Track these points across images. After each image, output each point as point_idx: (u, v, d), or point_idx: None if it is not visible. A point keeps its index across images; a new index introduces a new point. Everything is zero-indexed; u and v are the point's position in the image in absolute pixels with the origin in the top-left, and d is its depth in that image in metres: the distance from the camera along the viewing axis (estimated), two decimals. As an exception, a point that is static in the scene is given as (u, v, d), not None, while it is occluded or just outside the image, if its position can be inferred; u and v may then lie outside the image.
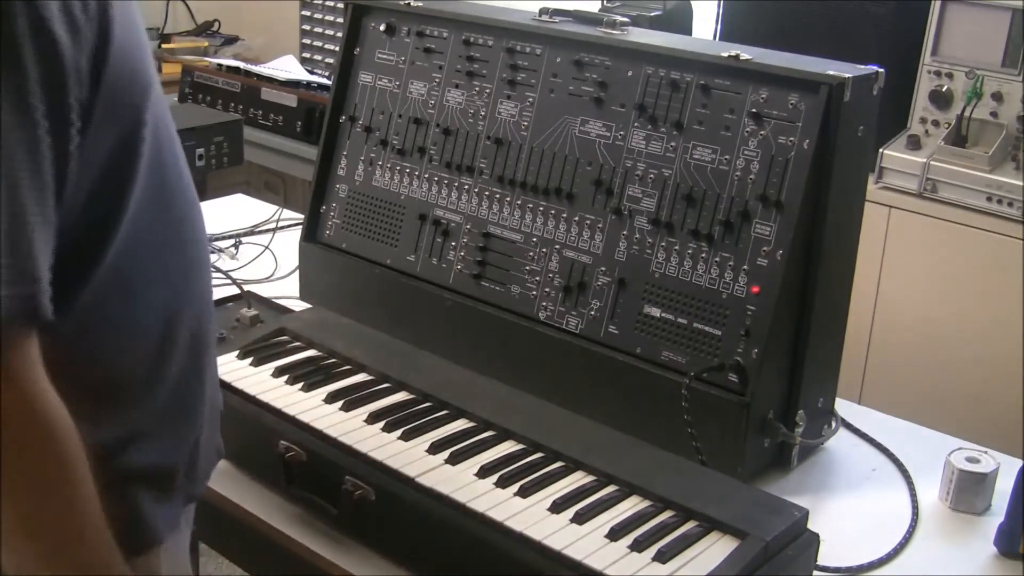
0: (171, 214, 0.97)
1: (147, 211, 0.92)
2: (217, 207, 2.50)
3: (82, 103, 0.83)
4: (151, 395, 0.97)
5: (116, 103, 0.86)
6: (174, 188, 0.97)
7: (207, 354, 1.04)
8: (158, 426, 0.98)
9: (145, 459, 0.97)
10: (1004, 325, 2.56)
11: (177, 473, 1.01)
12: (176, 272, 0.98)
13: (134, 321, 0.94)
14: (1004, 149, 2.63)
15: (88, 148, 0.85)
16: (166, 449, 0.99)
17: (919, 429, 1.63)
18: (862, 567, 1.31)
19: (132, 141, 0.89)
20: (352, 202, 1.80)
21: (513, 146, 1.62)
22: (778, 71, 1.39)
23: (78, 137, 0.83)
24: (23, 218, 0.78)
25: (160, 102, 0.94)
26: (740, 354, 1.38)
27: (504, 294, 1.61)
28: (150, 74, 0.92)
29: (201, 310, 1.02)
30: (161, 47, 4.64)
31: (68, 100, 0.81)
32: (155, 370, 0.97)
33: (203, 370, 1.04)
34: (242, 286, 1.80)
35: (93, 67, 0.83)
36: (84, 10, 0.81)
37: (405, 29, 1.76)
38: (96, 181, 0.87)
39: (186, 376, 1.00)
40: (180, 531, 1.05)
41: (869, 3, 2.83)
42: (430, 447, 1.30)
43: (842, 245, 1.46)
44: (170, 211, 0.97)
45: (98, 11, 0.83)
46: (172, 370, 0.98)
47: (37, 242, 0.79)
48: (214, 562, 2.79)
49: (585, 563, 1.11)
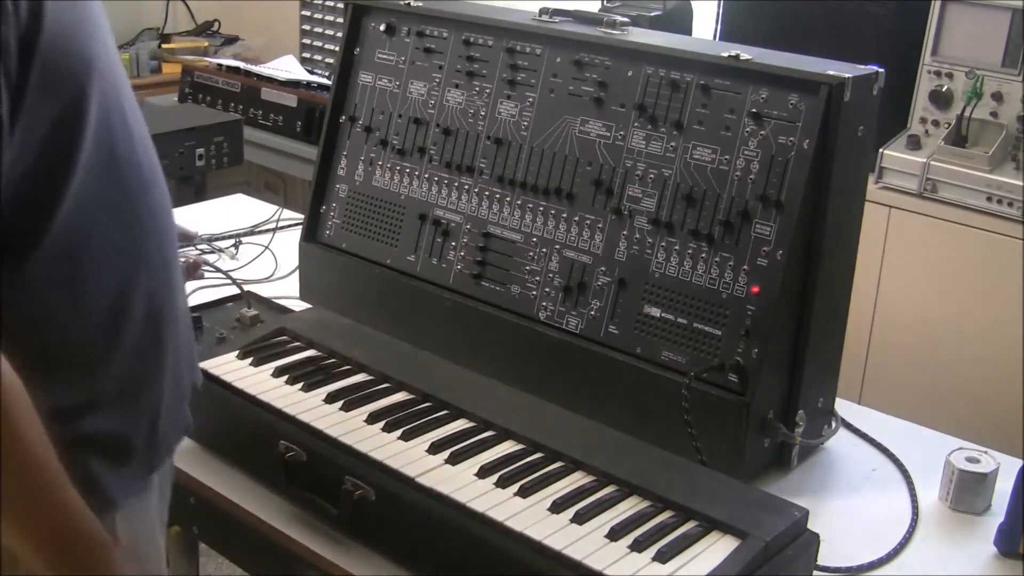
0: (122, 187, 1.00)
1: (96, 182, 0.95)
2: (217, 207, 2.50)
3: (9, 75, 0.86)
4: (105, 364, 0.99)
5: (54, 78, 0.90)
6: (126, 162, 1.00)
7: (168, 329, 1.06)
8: (114, 395, 1.01)
9: (100, 426, 0.99)
10: (1004, 325, 2.56)
11: (134, 442, 1.03)
12: (128, 244, 1.01)
13: (83, 289, 0.96)
14: (1004, 149, 2.63)
15: (27, 119, 0.88)
16: (122, 418, 1.02)
17: (919, 429, 1.63)
18: (862, 567, 1.31)
19: (75, 114, 0.93)
20: (352, 202, 1.80)
21: (513, 146, 1.62)
22: (778, 71, 1.39)
23: (7, 106, 0.86)
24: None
25: (113, 80, 0.98)
26: (740, 354, 1.38)
27: (504, 294, 1.61)
28: (94, 52, 0.95)
29: (160, 284, 1.05)
30: (161, 47, 4.64)
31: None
32: (108, 339, 0.99)
33: (163, 344, 1.06)
34: (242, 286, 1.80)
35: (23, 43, 0.87)
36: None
37: (405, 29, 1.76)
38: (39, 150, 0.90)
39: (142, 348, 1.02)
40: (144, 501, 1.07)
41: (869, 3, 2.83)
42: (430, 447, 1.30)
43: (842, 245, 1.46)
44: (121, 184, 1.00)
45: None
46: (126, 341, 1.00)
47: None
48: (214, 562, 2.79)
49: (585, 563, 1.11)
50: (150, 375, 1.05)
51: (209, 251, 2.16)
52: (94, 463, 0.98)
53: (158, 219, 1.05)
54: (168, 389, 1.07)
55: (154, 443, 1.06)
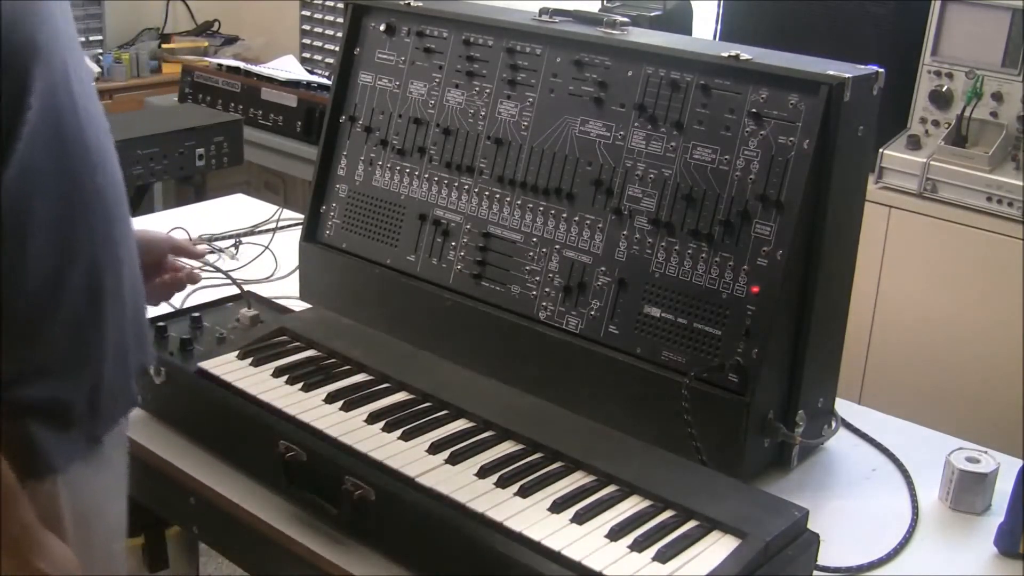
0: (67, 162, 1.05)
1: (40, 154, 1.01)
2: (217, 207, 2.50)
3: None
4: (43, 335, 1.04)
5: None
6: (72, 140, 1.06)
7: (111, 303, 1.10)
8: (53, 364, 1.05)
9: (39, 394, 1.04)
10: (1004, 325, 2.56)
11: (74, 410, 1.07)
12: (70, 216, 1.06)
13: (21, 256, 1.01)
14: (1004, 149, 2.63)
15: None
16: (62, 387, 1.06)
17: (919, 429, 1.63)
18: (862, 567, 1.31)
19: (18, 90, 0.99)
20: (352, 202, 1.80)
21: (513, 146, 1.62)
22: (778, 71, 1.39)
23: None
24: None
25: (63, 68, 1.04)
26: (740, 354, 1.38)
27: (504, 294, 1.61)
28: (41, 39, 1.02)
29: (104, 259, 1.09)
30: (161, 47, 4.65)
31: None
32: (45, 308, 1.04)
33: (103, 317, 1.10)
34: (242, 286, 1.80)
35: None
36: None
37: (405, 29, 1.76)
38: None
39: (82, 319, 1.07)
40: (91, 470, 1.11)
41: (869, 3, 2.84)
42: (430, 447, 1.30)
43: (842, 245, 1.46)
44: (66, 159, 1.05)
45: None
46: (65, 311, 1.05)
47: None
48: (214, 562, 2.80)
49: (585, 563, 1.11)
50: (89, 349, 1.09)
51: (209, 251, 2.16)
52: (34, 428, 1.03)
53: (105, 197, 1.10)
54: (111, 361, 1.11)
55: (96, 412, 1.10)
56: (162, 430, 1.50)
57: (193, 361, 1.49)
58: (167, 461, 1.45)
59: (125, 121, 3.22)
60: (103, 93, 4.18)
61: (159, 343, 1.55)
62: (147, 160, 2.88)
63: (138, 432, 1.50)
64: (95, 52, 4.42)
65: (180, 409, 1.49)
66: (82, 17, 4.40)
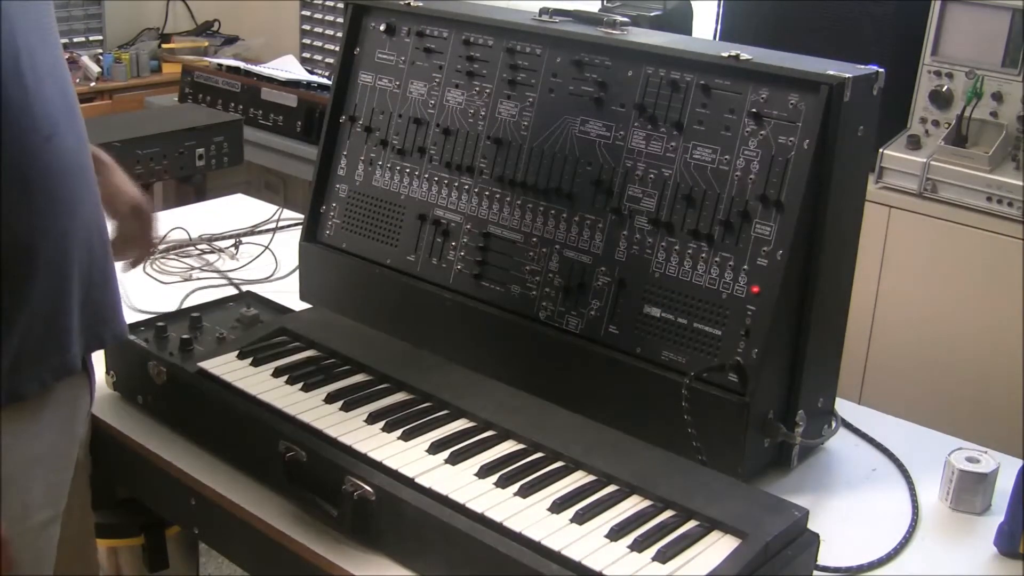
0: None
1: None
2: (217, 207, 2.50)
3: None
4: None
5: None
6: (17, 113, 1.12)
7: (42, 270, 1.15)
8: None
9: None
10: (1004, 325, 2.56)
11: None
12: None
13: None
14: (1004, 149, 2.63)
15: None
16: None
17: (919, 429, 1.63)
18: (862, 567, 1.31)
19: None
20: (352, 202, 1.80)
21: (513, 146, 1.62)
22: (778, 71, 1.39)
23: None
24: None
25: (14, 52, 1.10)
26: (740, 354, 1.38)
27: (504, 294, 1.61)
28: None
29: (38, 227, 1.14)
30: (161, 47, 4.65)
31: None
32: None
33: (30, 280, 1.15)
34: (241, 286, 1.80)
35: None
36: None
37: (405, 29, 1.76)
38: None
39: (3, 286, 1.13)
40: (17, 431, 1.17)
41: (869, 3, 2.84)
42: (430, 447, 1.30)
43: (842, 245, 1.46)
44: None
45: None
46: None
47: None
48: (214, 562, 2.80)
49: (585, 563, 1.11)
50: (12, 308, 1.13)
51: (209, 251, 2.16)
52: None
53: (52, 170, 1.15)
54: (36, 325, 1.16)
55: (17, 372, 1.15)
56: (162, 430, 1.50)
57: (193, 361, 1.49)
58: (167, 461, 1.45)
59: (125, 121, 3.22)
60: (103, 93, 4.22)
61: (159, 343, 1.55)
62: (147, 160, 2.87)
63: (138, 432, 1.50)
64: (95, 52, 4.42)
65: (180, 409, 1.49)
66: (82, 17, 4.40)
